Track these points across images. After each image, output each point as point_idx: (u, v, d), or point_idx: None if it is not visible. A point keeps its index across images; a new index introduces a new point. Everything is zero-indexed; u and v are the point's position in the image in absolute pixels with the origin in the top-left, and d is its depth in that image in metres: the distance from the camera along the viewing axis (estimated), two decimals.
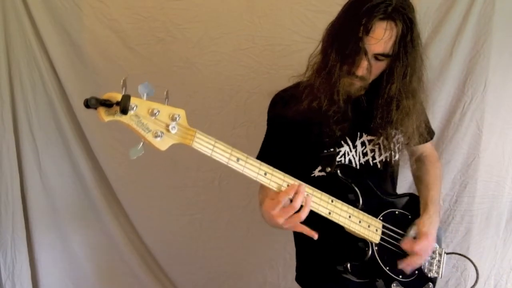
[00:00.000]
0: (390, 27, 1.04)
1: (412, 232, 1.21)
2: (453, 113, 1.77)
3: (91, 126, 1.91)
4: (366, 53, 1.07)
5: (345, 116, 1.17)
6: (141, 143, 0.87)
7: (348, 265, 1.13)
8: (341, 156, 1.21)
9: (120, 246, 2.02)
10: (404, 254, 1.19)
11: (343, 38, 1.09)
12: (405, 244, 1.18)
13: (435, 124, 1.66)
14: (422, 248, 1.18)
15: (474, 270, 1.42)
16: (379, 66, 1.12)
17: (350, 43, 1.06)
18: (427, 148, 1.44)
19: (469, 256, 1.50)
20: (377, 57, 1.09)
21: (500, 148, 1.79)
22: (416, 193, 1.37)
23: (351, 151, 1.22)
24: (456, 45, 1.70)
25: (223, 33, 1.80)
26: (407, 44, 1.07)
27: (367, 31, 1.04)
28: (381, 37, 1.04)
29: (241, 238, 1.99)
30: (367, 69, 1.09)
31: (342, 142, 1.21)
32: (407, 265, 1.18)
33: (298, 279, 1.37)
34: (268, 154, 1.23)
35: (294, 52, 1.77)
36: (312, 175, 1.23)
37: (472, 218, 1.83)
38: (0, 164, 1.88)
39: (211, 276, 2.05)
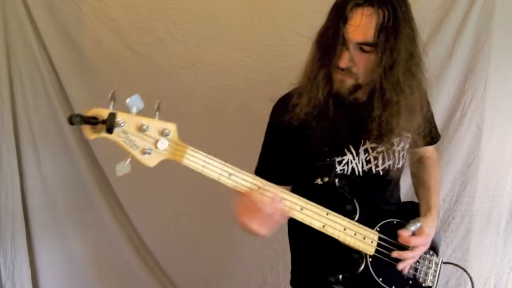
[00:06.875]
0: (368, 13, 1.01)
1: (413, 227, 1.17)
2: (453, 113, 1.77)
3: None
4: (345, 42, 1.04)
5: (342, 120, 1.13)
6: (128, 160, 0.85)
7: (340, 276, 1.11)
8: (344, 164, 1.18)
9: (120, 246, 2.02)
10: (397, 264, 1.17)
11: (325, 32, 1.09)
12: (403, 236, 1.14)
13: None
14: (418, 245, 1.16)
15: (474, 270, 1.42)
16: (366, 58, 1.06)
17: (330, 35, 1.05)
18: (429, 150, 1.42)
19: (469, 256, 1.49)
20: (362, 47, 1.05)
21: (500, 147, 1.79)
22: (414, 200, 1.35)
23: (354, 159, 1.19)
24: (456, 45, 1.70)
25: (223, 33, 1.80)
26: (389, 31, 1.02)
27: (345, 20, 1.02)
28: (359, 24, 1.01)
29: (241, 238, 1.98)
30: (350, 60, 1.05)
31: (345, 150, 1.18)
32: (399, 255, 1.15)
33: (292, 283, 1.35)
34: (267, 164, 1.20)
35: (294, 52, 1.76)
36: (316, 182, 1.20)
37: (472, 218, 1.83)
38: (0, 164, 1.88)
39: (211, 276, 2.05)
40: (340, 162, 1.18)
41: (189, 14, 1.80)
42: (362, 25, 1.01)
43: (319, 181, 1.20)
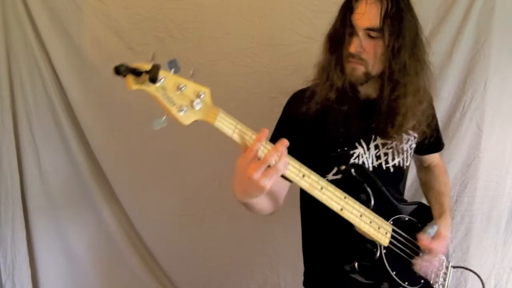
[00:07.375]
0: (372, 1, 1.10)
1: (430, 230, 1.20)
2: (453, 113, 1.77)
3: (91, 126, 1.91)
4: (353, 30, 1.12)
5: (354, 110, 1.18)
6: (165, 116, 0.87)
7: (356, 264, 1.13)
8: (355, 158, 1.20)
9: (120, 246, 2.02)
10: (411, 260, 1.19)
11: (333, 28, 1.18)
12: (423, 241, 1.17)
13: None
14: (438, 248, 1.18)
15: (475, 269, 1.43)
16: (374, 45, 1.12)
17: (339, 27, 1.14)
18: (436, 158, 1.47)
19: (469, 256, 1.50)
20: (369, 34, 1.11)
21: (500, 147, 1.79)
22: (419, 201, 1.36)
23: (365, 153, 1.21)
24: (456, 45, 1.70)
25: (223, 33, 1.80)
26: (394, 18, 1.10)
27: (351, 10, 1.12)
28: (364, 11, 1.10)
29: (241, 238, 1.99)
30: (360, 46, 1.12)
31: (356, 144, 1.21)
32: (422, 263, 1.17)
33: (306, 283, 1.36)
34: None
35: (294, 52, 1.77)
36: (326, 178, 1.21)
37: (472, 218, 1.83)
38: (0, 164, 1.88)
39: (211, 276, 2.05)
40: (351, 155, 1.20)
41: (189, 14, 1.80)
42: (367, 11, 1.10)
43: (330, 176, 1.22)
